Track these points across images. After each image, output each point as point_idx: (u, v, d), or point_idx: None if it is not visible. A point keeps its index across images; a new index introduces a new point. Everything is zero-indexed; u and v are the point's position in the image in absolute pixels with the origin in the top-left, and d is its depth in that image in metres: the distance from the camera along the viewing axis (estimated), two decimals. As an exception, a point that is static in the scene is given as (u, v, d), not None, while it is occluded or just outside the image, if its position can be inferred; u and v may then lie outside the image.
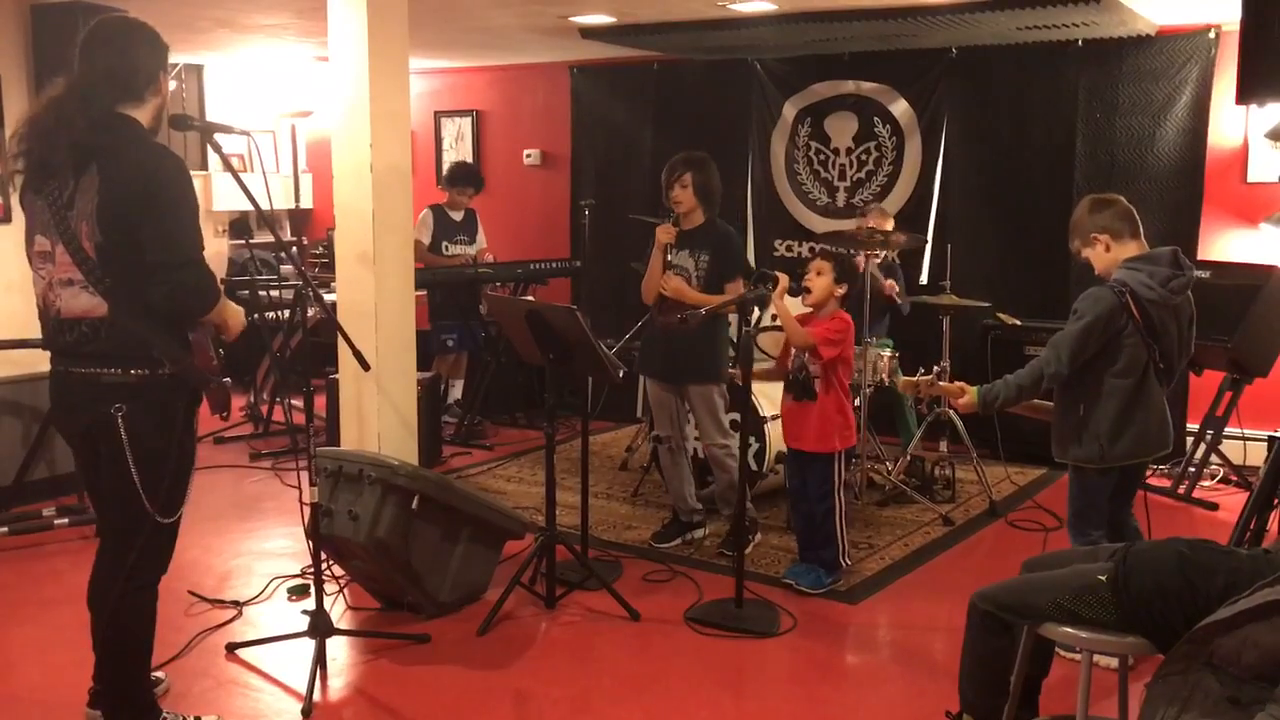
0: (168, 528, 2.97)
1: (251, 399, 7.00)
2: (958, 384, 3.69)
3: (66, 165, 2.79)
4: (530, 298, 6.29)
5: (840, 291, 4.26)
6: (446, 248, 6.89)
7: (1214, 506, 5.42)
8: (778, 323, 5.01)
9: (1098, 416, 3.50)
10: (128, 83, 2.86)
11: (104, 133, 2.80)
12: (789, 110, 7.24)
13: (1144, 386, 3.49)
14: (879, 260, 5.72)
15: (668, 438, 4.79)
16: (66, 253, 2.82)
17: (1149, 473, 5.53)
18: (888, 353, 5.56)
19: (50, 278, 2.89)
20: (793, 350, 4.28)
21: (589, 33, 6.43)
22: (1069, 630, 2.59)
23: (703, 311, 4.23)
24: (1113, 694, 3.00)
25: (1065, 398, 3.59)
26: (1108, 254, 3.56)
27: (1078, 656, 2.78)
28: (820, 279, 4.23)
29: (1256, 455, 5.47)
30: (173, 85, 3.19)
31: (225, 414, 3.08)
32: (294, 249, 6.85)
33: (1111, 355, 3.46)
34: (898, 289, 5.91)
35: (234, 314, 3.07)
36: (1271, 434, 5.25)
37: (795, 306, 4.35)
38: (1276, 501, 3.67)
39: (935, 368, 5.18)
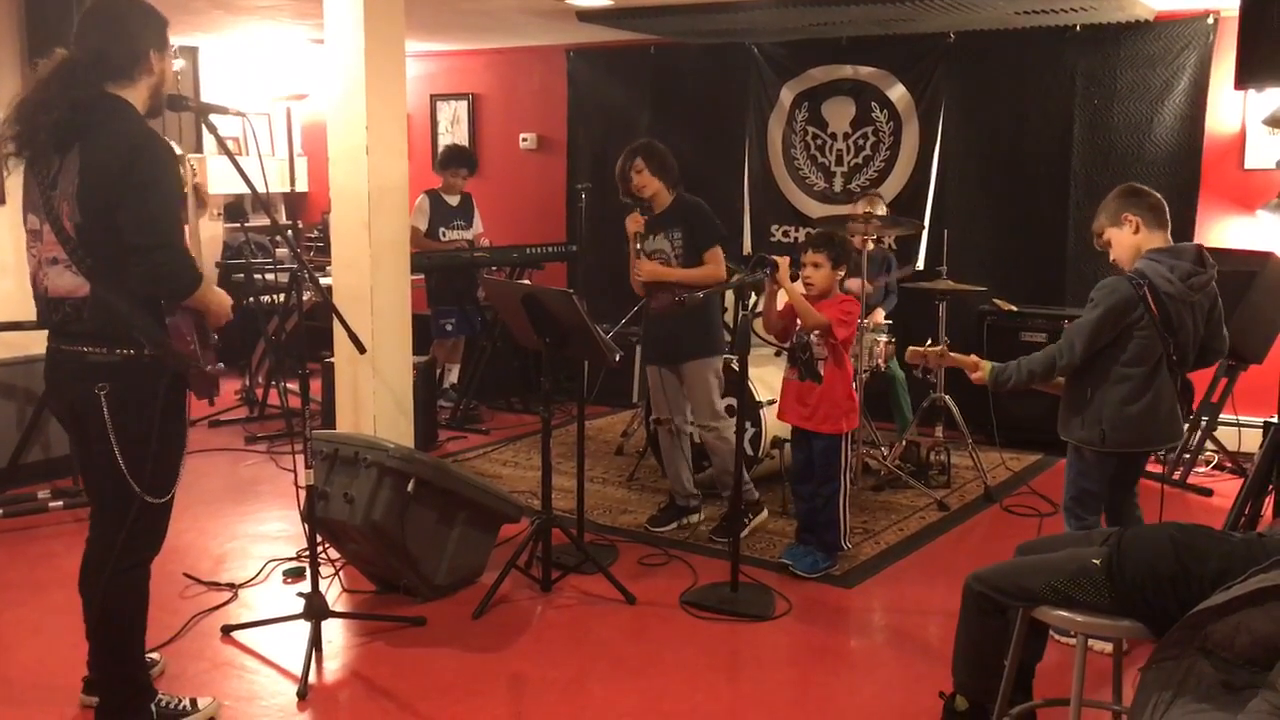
0: (158, 508, 2.96)
1: (247, 383, 6.99)
2: (972, 357, 3.69)
3: (50, 145, 2.78)
4: (526, 282, 6.28)
5: (841, 274, 4.26)
6: (443, 233, 6.86)
7: (1208, 492, 5.43)
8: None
9: (1103, 401, 3.50)
10: (116, 63, 2.84)
11: (88, 113, 2.78)
12: (786, 95, 7.22)
13: (1154, 378, 3.47)
14: (872, 248, 5.70)
15: (666, 420, 4.79)
16: (51, 232, 2.82)
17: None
18: (884, 338, 5.56)
19: (40, 256, 2.90)
20: (797, 324, 4.26)
21: (586, 15, 6.40)
22: (1063, 614, 2.59)
23: (700, 295, 4.22)
24: (1107, 678, 3.00)
25: (1075, 378, 3.59)
26: (1135, 236, 3.51)
27: (1072, 641, 2.79)
28: (819, 271, 4.22)
29: (1251, 441, 5.48)
30: (179, 64, 3.16)
31: (211, 399, 3.08)
32: (289, 232, 6.84)
33: (1121, 344, 3.46)
34: (883, 314, 5.90)
35: (218, 301, 3.02)
36: (1267, 420, 5.25)
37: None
38: (1271, 487, 3.69)
39: (943, 340, 5.12)
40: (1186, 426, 5.60)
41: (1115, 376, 3.48)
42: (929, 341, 4.04)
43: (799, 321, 4.24)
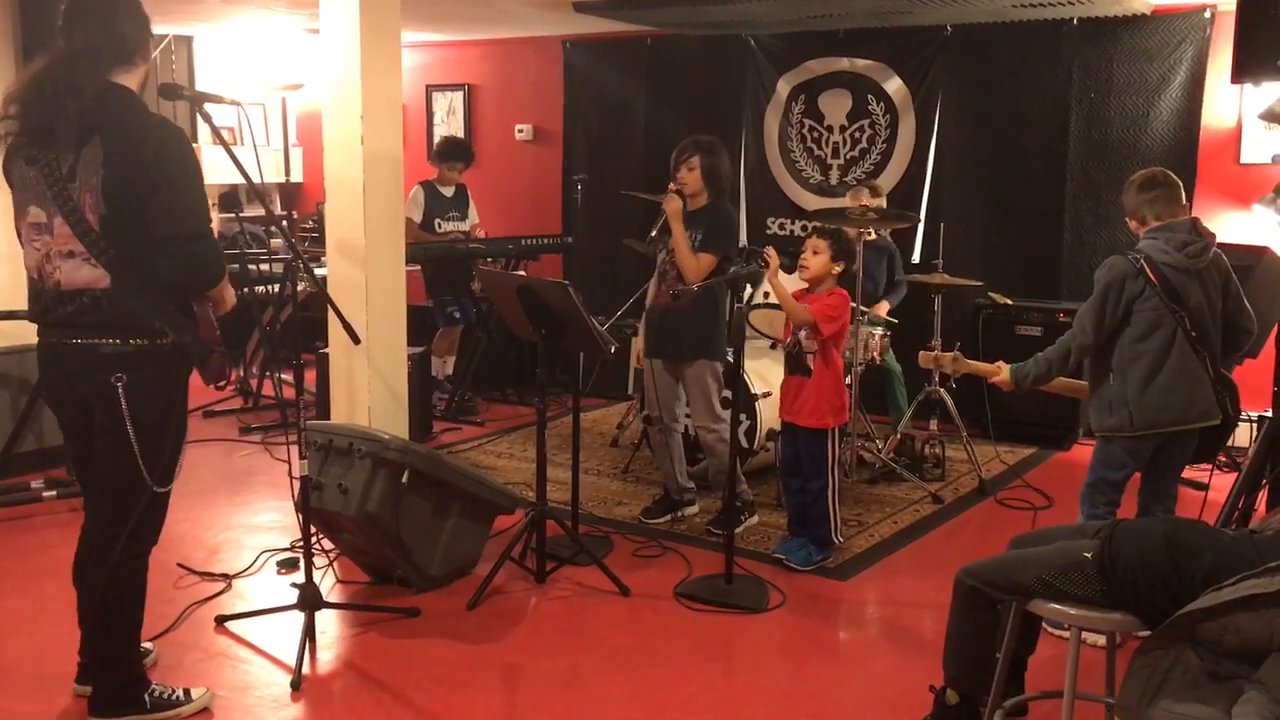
0: (161, 497, 2.99)
1: (241, 373, 6.98)
2: (997, 363, 3.77)
3: (69, 135, 2.77)
4: (522, 273, 6.28)
5: (837, 269, 4.26)
6: (439, 224, 6.84)
7: (1203, 487, 5.39)
8: (770, 300, 5.01)
9: (1125, 383, 3.57)
10: (120, 51, 2.85)
11: (107, 103, 2.79)
12: (783, 87, 7.21)
13: (1171, 352, 3.55)
14: (870, 238, 5.70)
15: (657, 418, 4.78)
16: (66, 225, 2.81)
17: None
18: (879, 331, 5.56)
19: (48, 249, 2.87)
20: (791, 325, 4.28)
21: (582, 6, 6.38)
22: (1056, 607, 2.60)
23: (695, 288, 4.22)
24: (1098, 671, 3.01)
25: (1096, 370, 3.68)
26: (1139, 232, 3.70)
27: (1065, 634, 2.80)
28: (817, 257, 4.24)
29: (1244, 436, 5.49)
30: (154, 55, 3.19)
31: (222, 384, 3.10)
32: (284, 222, 6.83)
33: (1132, 321, 3.55)
34: (887, 308, 5.89)
35: (229, 290, 3.08)
36: (1261, 415, 5.25)
37: (790, 283, 4.35)
38: (1265, 482, 3.70)
39: (956, 347, 5.10)
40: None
41: (1131, 356, 3.56)
42: (935, 343, 4.03)
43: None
